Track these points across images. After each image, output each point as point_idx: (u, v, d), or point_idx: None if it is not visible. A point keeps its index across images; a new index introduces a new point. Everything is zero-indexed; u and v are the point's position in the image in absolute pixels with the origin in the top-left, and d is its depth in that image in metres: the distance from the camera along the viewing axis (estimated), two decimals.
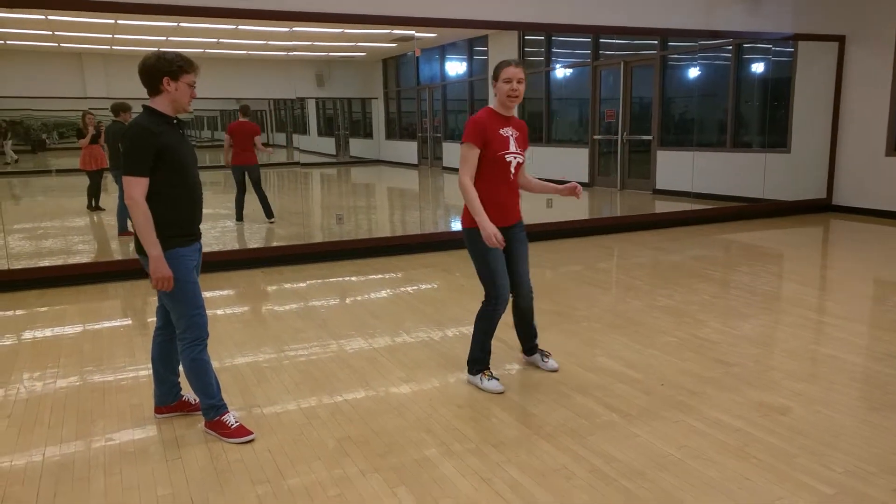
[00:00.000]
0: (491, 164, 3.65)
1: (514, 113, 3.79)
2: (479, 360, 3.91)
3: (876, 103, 9.55)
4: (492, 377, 3.87)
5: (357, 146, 14.34)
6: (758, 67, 10.68)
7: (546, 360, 4.15)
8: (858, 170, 9.92)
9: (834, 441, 3.19)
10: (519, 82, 3.64)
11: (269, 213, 9.19)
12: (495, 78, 3.68)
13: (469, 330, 4.84)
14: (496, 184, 3.69)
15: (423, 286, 6.35)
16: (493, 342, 3.97)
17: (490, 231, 3.54)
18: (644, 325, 4.99)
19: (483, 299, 3.83)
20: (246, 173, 9.09)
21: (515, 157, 3.71)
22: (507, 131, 3.69)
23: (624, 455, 3.09)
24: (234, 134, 9.02)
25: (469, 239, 3.73)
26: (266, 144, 9.48)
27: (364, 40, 10.96)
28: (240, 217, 9.18)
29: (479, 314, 3.87)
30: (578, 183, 3.89)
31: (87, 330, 5.14)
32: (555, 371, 4.09)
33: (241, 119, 9.14)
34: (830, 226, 9.39)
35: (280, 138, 13.39)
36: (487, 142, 3.62)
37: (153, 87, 3.10)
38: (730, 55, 10.32)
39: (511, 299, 3.93)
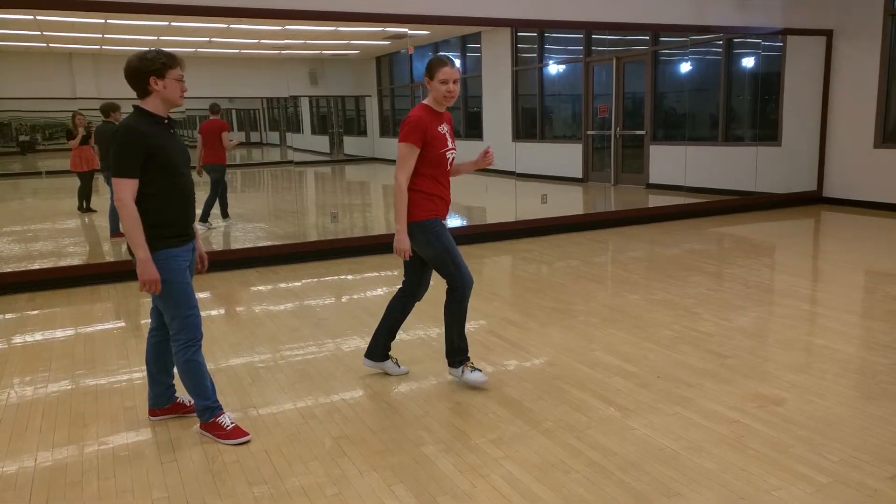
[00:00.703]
0: (433, 162, 3.65)
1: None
2: (459, 350, 3.85)
3: (864, 96, 9.59)
4: (474, 368, 3.84)
5: (351, 144, 14.31)
6: (748, 62, 10.70)
7: (400, 365, 4.08)
8: (848, 162, 9.96)
9: (828, 430, 3.20)
10: (455, 83, 3.61)
11: (204, 217, 8.85)
12: (430, 76, 3.62)
13: (467, 325, 4.84)
14: (439, 180, 3.71)
15: None
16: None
17: (405, 246, 3.62)
18: (640, 319, 4.99)
19: (447, 289, 3.78)
20: (210, 172, 8.91)
21: (453, 153, 3.75)
22: (444, 128, 3.70)
23: (621, 448, 3.09)
24: (203, 133, 8.87)
25: (422, 232, 3.67)
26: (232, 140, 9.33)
27: (357, 38, 10.94)
28: (225, 214, 9.12)
29: (447, 305, 3.79)
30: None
31: (79, 333, 5.11)
32: (405, 373, 4.04)
33: (212, 117, 9.02)
34: (821, 218, 9.43)
35: (273, 137, 13.36)
36: (428, 141, 3.61)
37: (142, 89, 3.08)
38: (720, 50, 10.34)
39: (408, 293, 3.92)
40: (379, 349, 4.04)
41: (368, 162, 14.18)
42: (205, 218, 8.86)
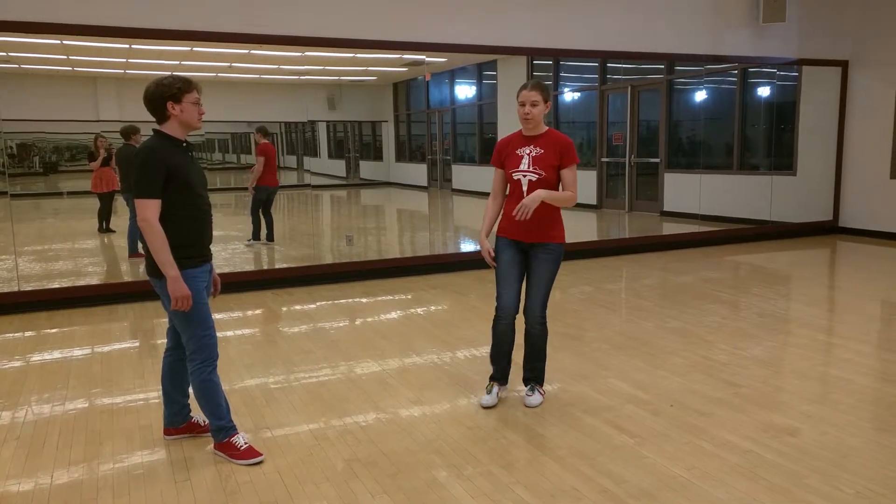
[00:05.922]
0: (510, 183, 3.86)
1: (540, 130, 3.82)
2: (492, 371, 4.02)
3: (879, 127, 9.58)
4: (490, 391, 3.95)
5: (367, 168, 14.44)
6: (763, 91, 10.73)
7: (529, 395, 3.96)
8: (863, 192, 9.92)
9: (843, 462, 3.18)
10: (533, 105, 3.70)
11: (272, 236, 9.32)
12: (517, 101, 3.77)
13: (479, 351, 4.86)
14: (511, 200, 3.84)
15: (433, 307, 6.37)
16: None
17: (483, 247, 3.90)
18: (654, 347, 4.99)
19: None
20: (270, 193, 9.25)
21: (525, 176, 3.74)
22: (525, 150, 3.78)
23: (633, 476, 3.08)
24: (267, 154, 9.13)
25: None
26: None
27: (375, 64, 11.09)
28: (258, 237, 9.25)
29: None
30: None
31: (96, 352, 5.17)
32: (532, 407, 3.88)
33: (264, 140, 9.23)
34: (837, 248, 9.38)
35: (291, 160, 13.50)
36: (503, 162, 3.86)
37: (160, 113, 3.18)
38: (735, 79, 10.38)
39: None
40: (523, 372, 4.08)
41: (384, 186, 14.28)
42: (273, 237, 9.29)
